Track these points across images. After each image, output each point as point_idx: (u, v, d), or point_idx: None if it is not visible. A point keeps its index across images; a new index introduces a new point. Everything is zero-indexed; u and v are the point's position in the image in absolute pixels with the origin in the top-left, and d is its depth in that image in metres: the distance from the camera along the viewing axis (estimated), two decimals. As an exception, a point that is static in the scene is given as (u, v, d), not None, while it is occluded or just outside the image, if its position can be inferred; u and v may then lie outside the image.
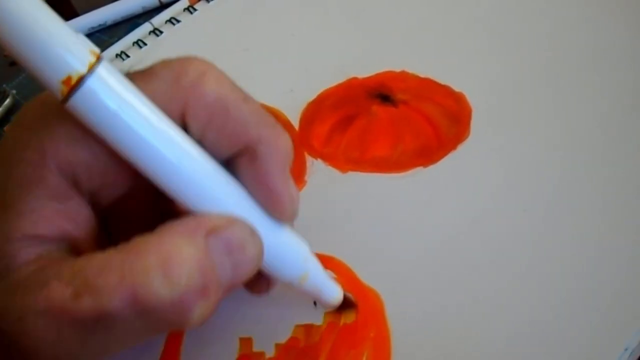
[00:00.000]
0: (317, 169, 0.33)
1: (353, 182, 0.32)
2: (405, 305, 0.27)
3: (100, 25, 0.44)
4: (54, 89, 0.18)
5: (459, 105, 0.34)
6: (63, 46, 0.17)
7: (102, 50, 0.41)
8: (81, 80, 0.18)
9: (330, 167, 0.32)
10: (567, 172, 0.30)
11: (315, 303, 0.27)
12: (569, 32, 0.36)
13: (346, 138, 0.33)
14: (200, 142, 0.21)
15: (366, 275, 0.28)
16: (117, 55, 0.41)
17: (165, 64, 0.21)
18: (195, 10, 0.43)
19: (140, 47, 0.41)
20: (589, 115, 0.32)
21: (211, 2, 0.43)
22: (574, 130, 0.32)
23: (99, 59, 0.18)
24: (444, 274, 0.28)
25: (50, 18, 0.17)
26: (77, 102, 0.18)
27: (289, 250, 0.23)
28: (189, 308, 0.18)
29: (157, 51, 0.41)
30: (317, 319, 0.27)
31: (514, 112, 0.33)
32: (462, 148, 0.32)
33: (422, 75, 0.35)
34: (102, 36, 0.44)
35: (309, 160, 0.33)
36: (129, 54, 0.41)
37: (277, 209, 0.22)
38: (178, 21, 0.42)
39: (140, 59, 0.40)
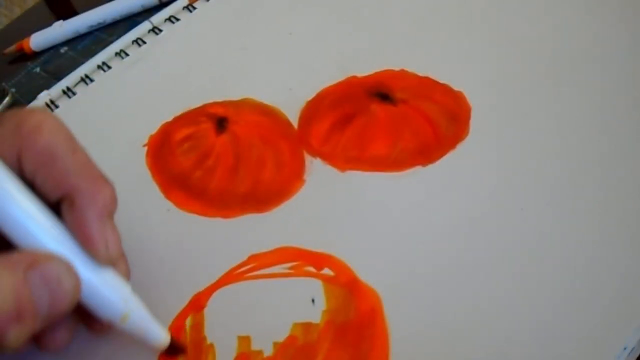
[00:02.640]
0: (315, 167, 0.32)
1: (352, 181, 0.32)
2: (403, 303, 0.27)
3: (99, 23, 0.44)
4: None
5: (458, 104, 0.34)
6: None
7: (102, 48, 0.41)
8: None
9: (329, 166, 0.32)
10: (565, 171, 0.30)
11: (313, 300, 0.27)
12: (569, 31, 0.36)
13: (345, 137, 0.33)
14: (32, 184, 0.24)
15: (365, 274, 0.28)
16: (116, 53, 0.41)
17: (13, 113, 0.25)
18: (194, 8, 0.43)
19: (140, 45, 0.41)
20: (588, 115, 0.32)
21: (210, 1, 0.43)
22: (573, 129, 0.32)
23: None
24: (443, 272, 0.28)
25: None
26: None
27: (107, 290, 0.25)
28: (2, 330, 0.21)
29: (156, 49, 0.41)
30: (315, 317, 0.27)
31: (513, 111, 0.33)
32: (461, 147, 0.32)
33: (421, 74, 0.35)
34: (102, 34, 0.44)
35: (308, 159, 0.33)
36: (128, 52, 0.41)
37: (92, 252, 0.24)
38: (177, 19, 0.42)
39: (139, 57, 0.40)
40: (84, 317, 0.25)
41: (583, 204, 0.29)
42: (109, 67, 0.40)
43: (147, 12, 0.44)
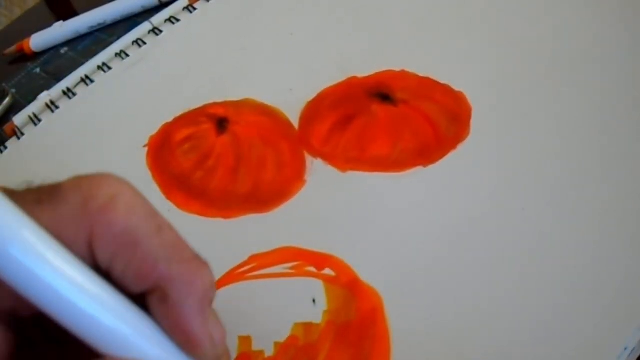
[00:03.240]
0: (316, 168, 0.32)
1: (352, 182, 0.32)
2: (404, 303, 0.27)
3: (99, 24, 0.44)
4: None
5: (458, 105, 0.34)
6: None
7: (102, 49, 0.41)
8: None
9: (329, 167, 0.32)
10: (566, 171, 0.30)
11: (314, 300, 0.27)
12: (569, 31, 0.36)
13: (346, 137, 0.33)
14: (108, 275, 0.19)
15: (366, 274, 0.28)
16: (116, 54, 0.41)
17: (76, 182, 0.19)
18: (194, 9, 0.43)
19: (140, 46, 0.41)
20: (588, 115, 0.32)
21: (211, 1, 0.43)
22: (573, 129, 0.32)
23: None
24: (444, 272, 0.28)
25: None
26: None
27: None
28: None
29: (156, 50, 0.41)
30: (316, 317, 0.27)
31: (513, 111, 0.33)
32: (461, 147, 0.32)
33: (421, 75, 0.35)
34: (102, 35, 0.44)
35: (309, 159, 0.33)
36: (128, 53, 0.41)
37: (197, 354, 0.20)
38: (177, 20, 0.42)
39: (139, 58, 0.40)
40: None
41: (583, 204, 0.29)
42: (109, 68, 0.40)
43: (147, 13, 0.44)
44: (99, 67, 0.40)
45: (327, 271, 0.28)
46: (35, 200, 0.19)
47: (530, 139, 0.32)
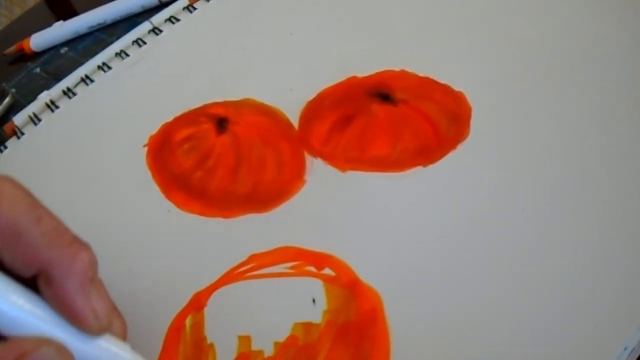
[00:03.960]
0: (316, 168, 0.32)
1: (352, 181, 0.32)
2: (404, 303, 0.27)
3: (99, 24, 0.44)
4: None
5: (458, 105, 0.34)
6: None
7: (102, 49, 0.41)
8: None
9: (329, 166, 0.32)
10: (566, 171, 0.30)
11: (314, 300, 0.27)
12: (569, 31, 0.36)
13: (346, 137, 0.33)
14: (3, 265, 0.22)
15: (365, 274, 0.28)
16: (116, 54, 0.41)
17: None
18: (194, 9, 0.43)
19: (140, 45, 0.41)
20: (589, 115, 0.32)
21: (211, 1, 0.43)
22: (573, 129, 0.32)
23: None
24: (443, 272, 0.28)
25: None
26: None
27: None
28: None
29: (156, 50, 0.41)
30: (316, 317, 0.27)
31: (513, 111, 0.33)
32: (461, 147, 0.32)
33: (421, 74, 0.35)
34: (102, 35, 0.44)
35: (309, 159, 0.33)
36: (128, 53, 0.41)
37: (82, 326, 0.22)
38: (177, 20, 0.42)
39: (139, 58, 0.40)
40: None
41: (583, 204, 0.29)
42: (109, 68, 0.40)
43: (147, 13, 0.44)
44: (99, 67, 0.40)
45: (327, 271, 0.28)
46: None
47: (530, 139, 0.32)
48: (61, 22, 0.44)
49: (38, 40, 0.44)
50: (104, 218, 0.33)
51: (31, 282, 0.22)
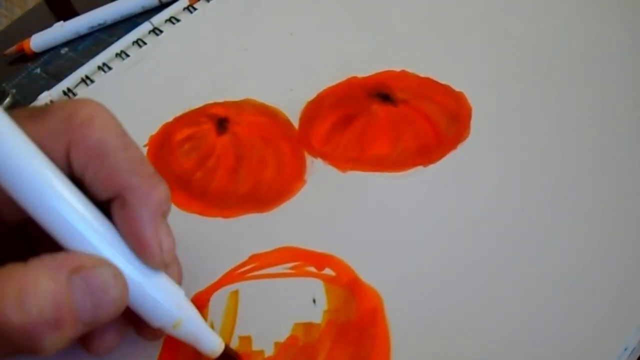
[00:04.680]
0: (316, 168, 0.32)
1: (353, 182, 0.32)
2: (404, 303, 0.27)
3: (100, 24, 0.44)
4: None
5: (458, 105, 0.34)
6: None
7: (102, 49, 0.41)
8: None
9: (330, 167, 0.32)
10: (566, 171, 0.30)
11: (314, 300, 0.27)
12: (569, 31, 0.36)
13: (346, 137, 0.33)
14: (81, 182, 0.23)
15: (366, 274, 0.28)
16: (116, 54, 0.41)
17: (62, 103, 0.24)
18: (195, 9, 0.43)
19: (140, 46, 0.41)
20: (589, 115, 0.32)
21: (211, 2, 0.43)
22: (573, 129, 0.32)
23: None
24: (444, 272, 0.28)
25: None
26: None
27: (159, 296, 0.23)
28: (38, 337, 0.20)
29: (156, 50, 0.41)
30: (316, 317, 0.27)
31: (514, 111, 0.33)
32: (461, 147, 0.32)
33: (422, 75, 0.35)
34: (102, 35, 0.44)
35: (309, 159, 0.33)
36: (128, 53, 0.41)
37: (145, 256, 0.23)
38: (178, 20, 0.42)
39: (140, 58, 0.40)
40: (133, 321, 0.24)
41: (583, 204, 0.29)
42: (110, 68, 0.40)
43: (147, 13, 0.44)
44: (99, 68, 0.41)
45: (327, 271, 0.28)
46: (29, 115, 0.23)
47: (530, 139, 0.32)
48: (61, 22, 0.44)
49: (38, 41, 0.44)
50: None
51: (104, 208, 0.23)
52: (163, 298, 0.23)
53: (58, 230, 0.22)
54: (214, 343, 0.25)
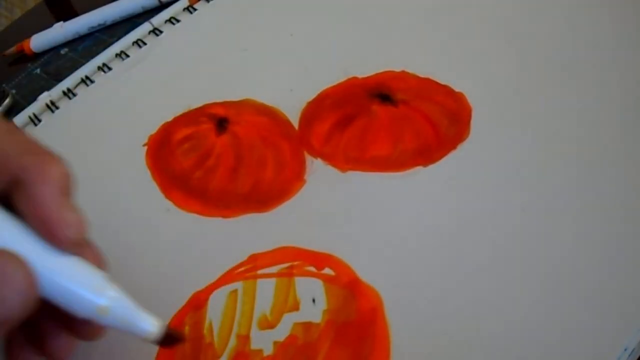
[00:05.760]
0: (316, 168, 0.32)
1: (353, 182, 0.32)
2: (404, 303, 0.27)
3: (100, 24, 0.44)
4: None
5: (458, 105, 0.34)
6: None
7: (102, 49, 0.41)
8: None
9: (329, 167, 0.32)
10: (566, 172, 0.30)
11: (314, 300, 0.27)
12: (569, 31, 0.36)
13: (346, 137, 0.33)
14: None
15: (365, 274, 0.28)
16: (116, 55, 0.41)
17: None
18: (195, 10, 0.43)
19: (140, 46, 0.41)
20: (589, 115, 0.32)
21: (211, 2, 0.43)
22: (573, 130, 0.32)
23: None
24: (443, 272, 0.28)
25: None
26: None
27: (74, 281, 0.21)
28: None
29: (156, 51, 0.41)
30: (315, 317, 0.27)
31: (513, 112, 0.33)
32: (461, 148, 0.32)
33: (422, 75, 0.35)
34: (102, 36, 0.44)
35: (309, 159, 0.33)
36: (128, 54, 0.41)
37: (53, 237, 0.21)
38: (178, 21, 0.42)
39: (140, 59, 0.40)
40: (64, 323, 0.23)
41: (583, 205, 0.29)
42: (110, 69, 0.40)
43: (147, 14, 0.44)
44: (99, 68, 0.40)
45: (327, 271, 0.28)
46: None
47: (530, 139, 0.32)
48: (61, 22, 0.44)
49: (38, 41, 0.44)
50: (103, 217, 0.33)
51: (7, 204, 0.21)
52: (79, 283, 0.21)
53: None
54: (151, 326, 0.22)
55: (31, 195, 0.21)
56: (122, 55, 0.41)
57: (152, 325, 0.22)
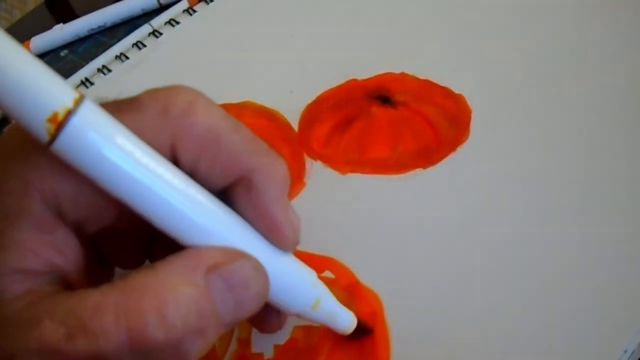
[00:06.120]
0: (316, 170, 0.32)
1: (352, 184, 0.32)
2: (404, 306, 0.27)
3: (99, 26, 0.44)
4: (39, 130, 0.17)
5: (458, 107, 0.34)
6: (48, 83, 0.17)
7: (102, 51, 0.41)
8: (68, 115, 0.17)
9: (329, 169, 0.32)
10: (566, 173, 0.30)
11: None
12: (569, 33, 0.36)
13: (345, 139, 0.33)
14: (193, 174, 0.20)
15: (365, 277, 0.28)
16: (116, 56, 0.41)
17: (152, 93, 0.20)
18: (194, 11, 0.43)
19: (140, 48, 0.41)
20: (588, 116, 0.32)
21: (211, 4, 0.43)
22: (573, 130, 0.32)
23: (82, 96, 0.17)
24: (443, 274, 0.28)
25: (31, 60, 0.17)
26: (64, 141, 0.17)
27: (296, 279, 0.22)
28: (185, 348, 0.18)
29: (156, 53, 0.41)
30: (316, 320, 0.27)
31: (513, 113, 0.33)
32: (461, 150, 0.32)
33: (421, 77, 0.35)
34: (102, 38, 0.44)
35: (308, 161, 0.33)
36: (128, 56, 0.41)
37: (279, 238, 0.21)
38: (177, 23, 0.42)
39: (139, 61, 0.40)
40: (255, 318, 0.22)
41: (583, 206, 0.29)
42: (109, 71, 0.40)
43: (147, 16, 0.44)
44: (99, 70, 0.40)
45: (327, 274, 0.28)
46: (115, 109, 0.19)
47: (529, 141, 0.32)
48: (61, 24, 0.44)
49: (38, 43, 0.44)
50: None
51: (221, 198, 0.21)
52: (300, 280, 0.22)
53: (179, 227, 0.19)
54: (350, 317, 0.24)
55: (260, 196, 0.21)
56: (121, 57, 0.41)
57: (352, 319, 0.24)
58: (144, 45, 0.41)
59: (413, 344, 0.26)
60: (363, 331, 0.25)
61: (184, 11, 0.43)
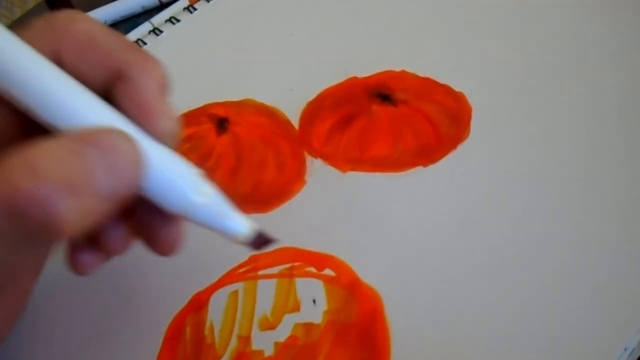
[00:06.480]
0: (317, 168, 0.32)
1: (353, 182, 0.32)
2: (405, 304, 0.27)
3: (100, 24, 0.44)
4: None
5: (459, 105, 0.34)
6: None
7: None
8: None
9: (330, 167, 0.32)
10: (566, 171, 0.30)
11: (314, 301, 0.27)
12: (570, 32, 0.36)
13: (346, 137, 0.33)
14: (76, 76, 0.21)
15: (366, 275, 0.28)
16: (116, 54, 0.41)
17: (40, 16, 0.23)
18: (195, 9, 0.43)
19: (140, 46, 0.41)
20: (589, 116, 0.32)
21: (211, 2, 0.43)
22: (573, 129, 0.32)
23: None
24: (444, 273, 0.28)
25: None
26: None
27: (177, 169, 0.21)
28: (54, 202, 0.18)
29: (157, 50, 0.41)
30: (316, 317, 0.27)
31: (514, 112, 0.33)
32: (462, 147, 0.32)
33: (422, 75, 0.35)
34: (102, 35, 0.44)
35: (309, 159, 0.33)
36: (128, 53, 0.41)
37: (154, 127, 0.21)
38: (178, 20, 0.42)
39: (140, 58, 0.40)
40: (145, 234, 0.23)
41: (583, 205, 0.29)
42: (110, 68, 0.40)
43: (147, 13, 0.44)
44: (99, 67, 0.40)
45: (327, 271, 0.28)
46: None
47: (530, 139, 0.32)
48: (61, 22, 0.44)
49: (38, 41, 0.44)
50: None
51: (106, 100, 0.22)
52: (182, 170, 0.21)
53: (55, 112, 0.20)
54: (242, 225, 0.22)
55: (136, 86, 0.22)
56: (122, 55, 0.41)
57: (243, 225, 0.22)
58: (145, 43, 0.41)
59: (413, 342, 0.26)
60: (264, 241, 0.23)
61: (184, 9, 0.43)
